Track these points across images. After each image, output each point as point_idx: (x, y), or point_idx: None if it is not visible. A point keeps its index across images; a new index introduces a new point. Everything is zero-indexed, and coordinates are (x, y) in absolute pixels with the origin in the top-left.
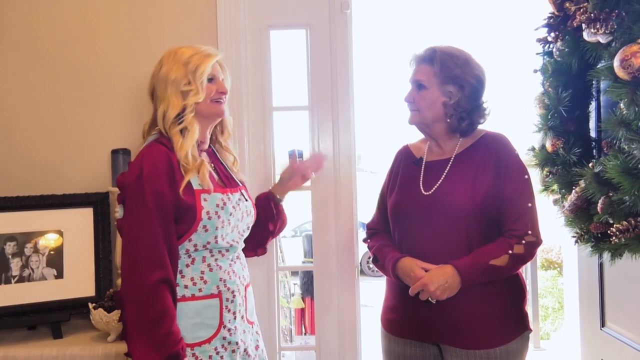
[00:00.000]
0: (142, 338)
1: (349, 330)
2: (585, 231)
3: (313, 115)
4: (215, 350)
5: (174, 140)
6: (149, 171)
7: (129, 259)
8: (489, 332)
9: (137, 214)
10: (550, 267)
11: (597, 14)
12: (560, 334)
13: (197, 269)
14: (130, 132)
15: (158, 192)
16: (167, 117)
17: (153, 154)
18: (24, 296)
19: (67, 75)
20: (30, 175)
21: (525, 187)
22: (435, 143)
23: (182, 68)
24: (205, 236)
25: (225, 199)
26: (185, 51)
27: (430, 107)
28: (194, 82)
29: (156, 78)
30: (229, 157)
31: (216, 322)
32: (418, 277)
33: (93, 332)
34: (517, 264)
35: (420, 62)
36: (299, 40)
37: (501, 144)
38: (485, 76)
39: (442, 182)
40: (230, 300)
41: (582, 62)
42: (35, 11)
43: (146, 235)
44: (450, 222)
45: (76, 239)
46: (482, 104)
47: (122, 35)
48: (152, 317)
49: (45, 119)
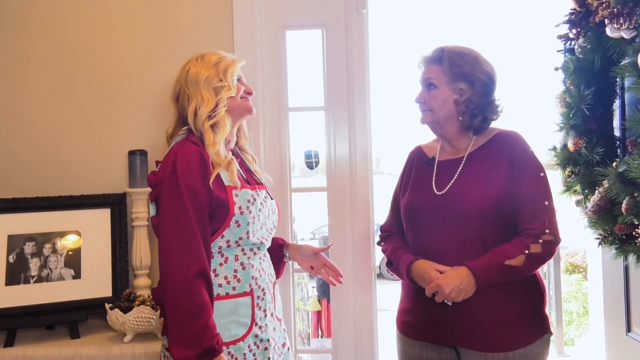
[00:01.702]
0: (179, 332)
1: (366, 333)
2: (609, 233)
3: (329, 115)
4: (249, 348)
5: (206, 136)
6: (182, 167)
7: (166, 254)
8: (508, 335)
9: (173, 209)
10: (574, 271)
11: (620, 9)
12: (585, 339)
13: (231, 268)
14: (147, 134)
15: (192, 188)
16: (200, 113)
17: (185, 150)
18: (42, 296)
19: (85, 77)
20: (49, 175)
21: (541, 184)
22: (448, 143)
23: (212, 68)
24: (237, 232)
25: (255, 194)
26: (211, 56)
27: (442, 105)
28: (225, 79)
29: (183, 81)
30: (248, 157)
31: (248, 319)
32: (433, 279)
33: (110, 333)
34: (534, 264)
35: (429, 63)
36: (314, 40)
37: (515, 141)
38: (495, 72)
39: (455, 181)
40: (261, 297)
41: (605, 58)
42: (55, 14)
43: (183, 230)
44: (464, 222)
45: (94, 239)
46: (494, 100)
47: (139, 37)
48: (189, 311)
49: (64, 121)
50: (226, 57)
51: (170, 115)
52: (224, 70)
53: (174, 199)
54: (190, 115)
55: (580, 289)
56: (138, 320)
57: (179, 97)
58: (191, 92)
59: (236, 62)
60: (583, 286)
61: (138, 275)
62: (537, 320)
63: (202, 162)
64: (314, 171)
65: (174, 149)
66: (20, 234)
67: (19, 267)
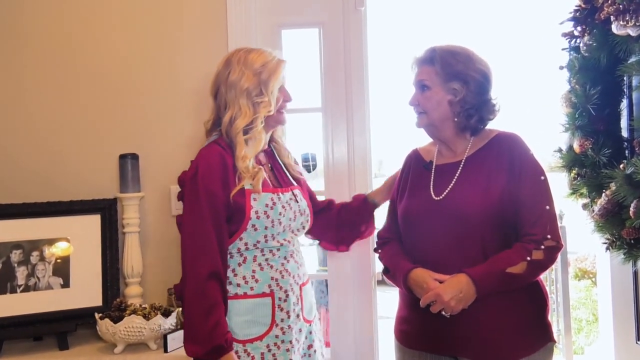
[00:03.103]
0: (191, 329)
1: (366, 342)
2: (617, 237)
3: (327, 117)
4: (267, 348)
5: (238, 148)
6: (203, 171)
7: (184, 253)
8: (509, 344)
9: (192, 211)
10: (583, 277)
11: (627, 5)
12: (594, 348)
13: (249, 268)
14: (138, 137)
15: (211, 191)
16: (236, 125)
17: (208, 154)
18: (29, 306)
19: (73, 79)
20: (36, 180)
21: (542, 188)
22: (445, 146)
23: (254, 78)
24: (255, 235)
25: (275, 198)
26: (255, 59)
27: (436, 107)
28: (266, 93)
29: (223, 81)
30: (284, 152)
31: (268, 320)
32: (431, 289)
33: (100, 343)
34: (536, 270)
35: (421, 64)
36: (311, 39)
37: (514, 143)
38: (490, 70)
39: (453, 186)
40: (283, 299)
41: (612, 56)
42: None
43: (199, 231)
44: (463, 228)
45: (83, 246)
46: (491, 99)
47: (131, 38)
48: (200, 310)
49: (53, 123)
50: (270, 62)
51: (164, 118)
52: (265, 81)
53: (193, 201)
54: (225, 122)
55: (589, 296)
56: (129, 331)
57: (217, 96)
58: (229, 99)
59: (279, 69)
60: (592, 292)
61: (129, 283)
62: (539, 329)
63: (223, 166)
64: (312, 175)
65: (201, 151)
66: (6, 242)
67: (5, 276)
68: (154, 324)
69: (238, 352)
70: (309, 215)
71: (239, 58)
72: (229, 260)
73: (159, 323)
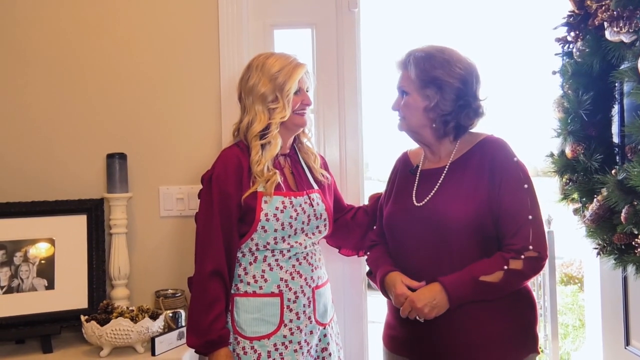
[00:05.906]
0: (192, 322)
1: (356, 348)
2: (608, 242)
3: (319, 119)
4: (275, 347)
5: (253, 152)
6: (218, 172)
7: (195, 250)
8: (489, 355)
9: (204, 210)
10: (570, 282)
11: (620, 12)
12: (581, 353)
13: (259, 268)
14: (126, 136)
15: (224, 192)
16: (252, 130)
17: (226, 156)
18: (12, 308)
19: (59, 77)
20: (21, 180)
21: (525, 197)
22: (429, 150)
23: (269, 84)
24: (265, 236)
25: (287, 202)
26: (273, 64)
27: (413, 113)
28: (281, 98)
29: (243, 86)
30: (310, 155)
31: (276, 319)
32: (398, 293)
33: (85, 347)
34: (515, 280)
35: (400, 68)
36: (304, 40)
37: (497, 149)
38: (472, 73)
39: (435, 193)
40: (292, 300)
41: (604, 62)
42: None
43: (207, 230)
44: (441, 236)
45: (68, 247)
46: (471, 104)
47: (119, 37)
48: (201, 305)
49: (38, 121)
50: (286, 67)
51: (153, 117)
52: (280, 86)
53: (207, 200)
54: (243, 127)
55: (576, 301)
56: (116, 334)
57: (240, 100)
58: (247, 104)
59: (296, 73)
60: (579, 298)
61: (116, 285)
62: (525, 339)
63: (239, 168)
64: None
65: (221, 152)
66: None
67: None
68: (141, 326)
69: (245, 348)
70: (326, 219)
71: (257, 63)
72: (241, 259)
73: (146, 326)
